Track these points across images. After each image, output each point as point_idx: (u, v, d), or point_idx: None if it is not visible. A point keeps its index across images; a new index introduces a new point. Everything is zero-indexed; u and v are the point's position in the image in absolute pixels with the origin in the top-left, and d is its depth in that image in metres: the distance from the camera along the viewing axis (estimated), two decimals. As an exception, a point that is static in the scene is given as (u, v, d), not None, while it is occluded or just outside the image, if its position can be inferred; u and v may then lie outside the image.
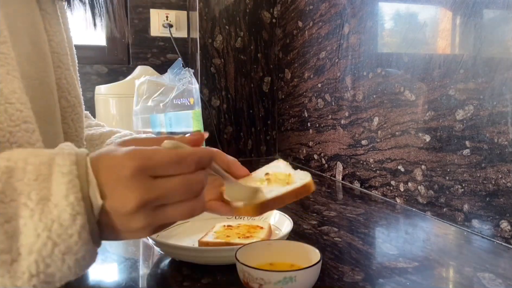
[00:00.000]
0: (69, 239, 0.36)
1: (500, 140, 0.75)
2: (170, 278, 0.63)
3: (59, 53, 0.59)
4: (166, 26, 1.66)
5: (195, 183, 0.40)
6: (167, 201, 0.39)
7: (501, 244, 0.75)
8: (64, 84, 0.60)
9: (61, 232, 0.36)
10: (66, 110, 0.60)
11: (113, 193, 0.38)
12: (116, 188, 0.38)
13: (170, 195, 0.39)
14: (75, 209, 0.36)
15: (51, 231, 0.36)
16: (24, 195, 0.36)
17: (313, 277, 0.53)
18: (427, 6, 0.92)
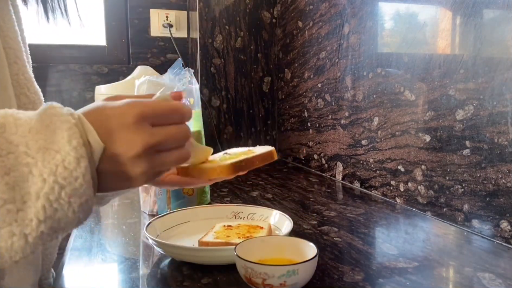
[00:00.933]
0: (75, 182, 0.37)
1: (500, 140, 0.75)
2: (170, 278, 0.63)
3: (15, 49, 0.58)
4: (166, 26, 1.66)
5: (184, 131, 0.45)
6: (165, 147, 0.43)
7: (501, 244, 0.75)
8: (22, 80, 0.59)
9: (66, 175, 0.37)
10: (27, 106, 0.59)
11: (117, 139, 0.40)
12: (120, 133, 0.40)
13: (168, 141, 0.43)
14: (78, 152, 0.37)
15: (56, 175, 0.37)
16: (22, 145, 0.37)
17: (312, 269, 0.56)
18: (427, 6, 0.92)
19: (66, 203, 0.37)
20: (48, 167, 0.37)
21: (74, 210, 0.38)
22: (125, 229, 0.85)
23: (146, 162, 0.41)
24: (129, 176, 0.42)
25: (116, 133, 0.40)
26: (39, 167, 0.37)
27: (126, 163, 0.41)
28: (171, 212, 0.81)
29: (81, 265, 0.68)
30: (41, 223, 0.37)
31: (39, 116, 0.39)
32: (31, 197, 0.36)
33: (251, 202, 1.00)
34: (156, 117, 0.42)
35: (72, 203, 0.38)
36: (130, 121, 0.40)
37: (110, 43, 1.67)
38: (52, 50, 1.58)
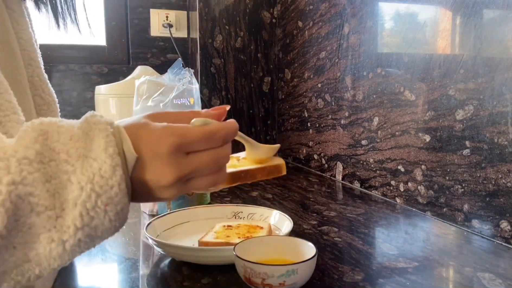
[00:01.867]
0: (110, 191, 0.38)
1: (500, 140, 0.75)
2: (170, 278, 0.63)
3: (29, 51, 0.59)
4: (166, 26, 1.66)
5: (222, 157, 0.44)
6: (198, 174, 0.43)
7: (501, 244, 0.75)
8: (37, 81, 0.60)
9: (103, 183, 0.38)
10: (42, 108, 0.60)
11: (150, 166, 0.40)
12: (154, 162, 0.40)
13: (200, 169, 0.43)
14: (114, 161, 0.38)
15: (93, 183, 0.37)
16: (63, 153, 0.38)
17: (311, 269, 0.56)
18: (427, 6, 0.92)
19: (102, 211, 0.38)
20: (86, 175, 0.37)
21: (111, 218, 0.39)
22: (125, 229, 0.85)
23: (176, 190, 0.42)
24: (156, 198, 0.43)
25: (150, 161, 0.40)
26: (77, 175, 0.37)
27: (155, 190, 0.41)
28: (171, 212, 0.81)
29: (81, 265, 0.68)
30: (79, 230, 0.37)
31: (81, 124, 0.40)
32: (69, 204, 0.37)
33: (251, 202, 1.00)
34: (191, 145, 0.42)
35: (108, 212, 0.38)
36: (163, 151, 0.40)
37: (110, 43, 1.67)
38: (52, 50, 1.58)
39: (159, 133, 0.41)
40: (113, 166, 0.38)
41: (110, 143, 0.38)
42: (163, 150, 0.40)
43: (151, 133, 0.41)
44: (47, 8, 0.63)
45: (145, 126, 0.42)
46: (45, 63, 0.65)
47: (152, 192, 0.42)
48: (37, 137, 0.37)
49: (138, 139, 0.41)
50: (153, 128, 0.41)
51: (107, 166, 0.38)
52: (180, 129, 0.41)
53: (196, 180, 0.43)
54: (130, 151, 0.40)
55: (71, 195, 0.37)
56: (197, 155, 0.42)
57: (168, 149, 0.40)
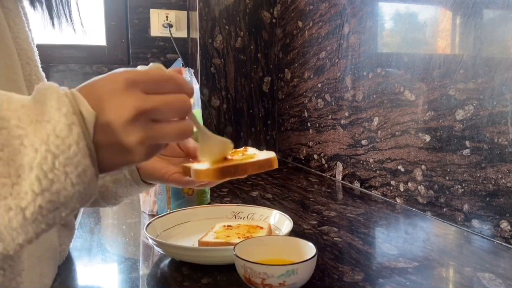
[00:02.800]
0: (68, 150, 0.36)
1: (500, 140, 0.75)
2: (170, 278, 0.63)
3: (27, 50, 0.59)
4: (166, 26, 1.66)
5: (183, 101, 0.42)
6: (160, 116, 0.41)
7: (501, 244, 0.75)
8: (35, 80, 0.59)
9: (58, 143, 0.35)
10: None
11: (107, 105, 0.38)
12: (110, 100, 0.38)
13: (163, 109, 0.40)
14: (69, 119, 0.36)
15: (48, 144, 0.35)
16: (13, 119, 0.35)
17: (311, 269, 0.56)
18: (427, 6, 0.92)
19: (62, 173, 0.36)
20: (39, 137, 0.35)
21: (72, 181, 0.36)
22: (125, 229, 0.85)
23: (140, 130, 0.39)
24: (125, 146, 0.39)
25: (106, 99, 0.38)
26: (31, 138, 0.35)
27: (119, 131, 0.38)
28: (171, 212, 0.81)
29: (81, 265, 0.68)
30: (38, 196, 0.35)
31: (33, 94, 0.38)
32: (25, 169, 0.35)
33: (251, 202, 1.00)
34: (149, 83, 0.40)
35: (69, 173, 0.36)
36: (120, 86, 0.39)
37: (110, 43, 1.67)
38: (52, 50, 1.58)
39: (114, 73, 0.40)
40: (68, 124, 0.36)
41: (63, 103, 0.37)
42: (120, 85, 0.38)
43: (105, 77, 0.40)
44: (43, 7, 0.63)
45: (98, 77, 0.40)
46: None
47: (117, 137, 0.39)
48: None
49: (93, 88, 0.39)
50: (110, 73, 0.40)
51: (62, 125, 0.36)
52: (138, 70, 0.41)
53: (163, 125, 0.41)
54: (87, 110, 0.38)
55: (26, 159, 0.35)
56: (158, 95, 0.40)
57: (124, 83, 0.38)
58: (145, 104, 0.39)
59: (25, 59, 0.58)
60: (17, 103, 0.37)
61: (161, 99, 0.40)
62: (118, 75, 0.39)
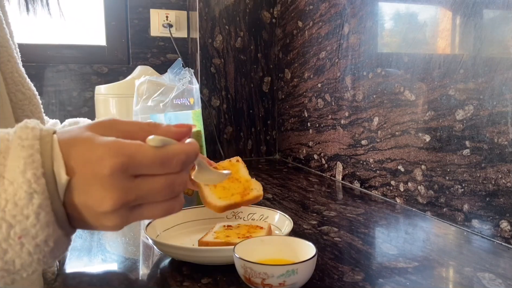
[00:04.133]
0: (26, 221, 0.33)
1: (500, 140, 0.75)
2: (170, 278, 0.63)
3: (7, 47, 0.58)
4: (166, 26, 1.66)
5: (178, 184, 0.38)
6: (146, 201, 0.37)
7: (501, 244, 0.75)
8: (17, 77, 0.59)
9: (16, 212, 0.33)
10: (24, 102, 0.59)
11: (88, 189, 0.34)
12: (92, 185, 0.34)
13: (150, 196, 0.37)
14: (32, 187, 0.33)
15: (5, 211, 0.32)
16: None
17: (311, 269, 0.56)
18: (427, 6, 0.92)
19: (17, 244, 0.33)
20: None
21: (30, 251, 0.34)
22: (125, 229, 0.85)
23: (118, 218, 0.36)
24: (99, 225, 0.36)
25: (88, 182, 0.34)
26: None
27: (95, 216, 0.35)
28: (171, 212, 0.81)
29: (81, 265, 0.68)
30: None
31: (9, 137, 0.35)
32: None
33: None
34: (139, 168, 0.35)
35: (25, 244, 0.33)
36: (105, 172, 0.34)
37: (110, 43, 1.67)
38: (52, 50, 1.57)
39: (102, 150, 0.34)
40: (29, 193, 0.33)
41: (31, 164, 0.33)
42: (105, 171, 0.34)
43: (92, 150, 0.34)
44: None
45: (87, 141, 0.35)
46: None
47: (90, 220, 0.36)
48: None
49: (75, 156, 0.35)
50: (96, 144, 0.35)
51: (22, 193, 0.32)
52: (128, 147, 0.35)
53: (147, 208, 0.37)
54: (60, 173, 0.34)
55: None
56: (147, 180, 0.36)
57: (110, 170, 0.34)
58: (128, 196, 0.35)
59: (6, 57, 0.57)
60: None
61: (149, 186, 0.36)
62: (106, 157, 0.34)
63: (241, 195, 0.75)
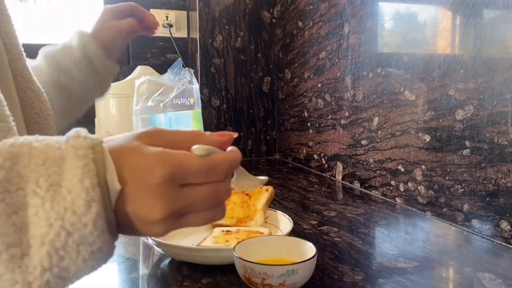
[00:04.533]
0: (84, 229, 0.34)
1: (500, 140, 0.75)
2: (170, 278, 0.63)
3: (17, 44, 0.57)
4: (166, 26, 1.66)
5: (223, 192, 0.39)
6: (192, 210, 0.38)
7: (501, 244, 0.75)
8: (27, 75, 0.58)
9: (74, 220, 0.33)
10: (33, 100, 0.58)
11: (138, 198, 0.36)
12: (142, 194, 0.36)
13: (196, 204, 0.38)
14: (89, 195, 0.34)
15: (64, 220, 0.33)
16: (31, 182, 0.33)
17: (311, 269, 0.56)
18: (427, 6, 0.92)
19: (74, 251, 0.34)
20: (56, 210, 0.33)
21: (85, 258, 0.35)
22: (125, 229, 0.85)
23: (166, 227, 0.37)
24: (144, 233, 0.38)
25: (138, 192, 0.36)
26: (46, 210, 0.33)
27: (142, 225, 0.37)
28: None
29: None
30: (46, 271, 0.33)
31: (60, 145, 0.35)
32: (36, 242, 0.33)
33: (251, 202, 1.00)
34: (187, 177, 0.37)
35: (82, 251, 0.34)
36: (155, 182, 0.35)
37: (110, 43, 1.67)
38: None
39: (152, 160, 0.35)
40: (87, 201, 0.33)
41: (87, 173, 0.34)
42: (155, 181, 0.35)
43: (142, 160, 0.36)
44: None
45: (136, 151, 0.36)
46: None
47: (139, 227, 0.37)
48: (3, 163, 0.33)
49: (125, 165, 0.35)
50: (145, 154, 0.36)
51: (81, 201, 0.33)
52: (177, 157, 0.36)
53: (191, 216, 0.39)
54: (113, 181, 0.35)
55: (39, 232, 0.33)
56: (194, 189, 0.37)
57: (160, 180, 0.35)
58: (176, 206, 0.36)
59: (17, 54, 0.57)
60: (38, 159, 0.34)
61: (196, 195, 0.37)
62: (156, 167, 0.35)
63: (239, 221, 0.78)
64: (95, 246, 0.35)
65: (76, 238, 0.33)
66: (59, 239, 0.33)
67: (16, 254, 0.32)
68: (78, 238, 0.34)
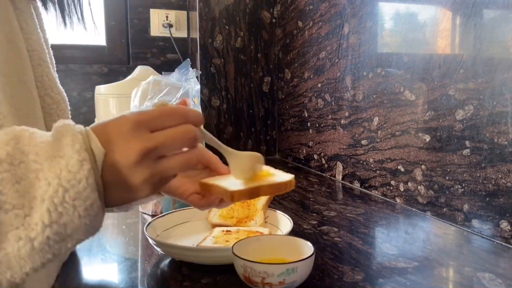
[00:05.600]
0: (78, 185, 0.38)
1: (500, 140, 0.75)
2: (170, 278, 0.63)
3: (39, 51, 0.59)
4: (166, 26, 1.66)
5: (188, 131, 0.43)
6: (166, 151, 0.43)
7: (501, 244, 0.75)
8: (46, 81, 0.60)
9: (70, 177, 0.38)
10: (51, 107, 0.61)
11: (115, 147, 0.40)
12: (118, 142, 0.41)
13: (167, 144, 0.42)
14: (81, 155, 0.38)
15: (60, 178, 0.37)
16: (32, 154, 0.38)
17: (310, 267, 0.56)
18: (427, 6, 0.92)
19: (70, 206, 0.38)
20: (53, 171, 0.37)
21: (80, 214, 0.38)
22: (125, 229, 0.85)
23: (146, 169, 0.41)
24: (131, 185, 0.41)
25: (114, 141, 0.41)
26: (45, 172, 0.37)
27: (126, 171, 0.41)
28: (171, 212, 0.81)
29: (81, 265, 0.68)
30: (47, 227, 0.37)
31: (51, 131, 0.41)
32: (37, 201, 0.37)
33: (251, 202, 1.00)
34: (153, 120, 0.42)
35: (77, 207, 0.38)
36: (126, 128, 0.41)
37: (110, 43, 1.67)
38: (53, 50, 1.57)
39: (119, 117, 0.42)
40: (80, 160, 0.38)
41: (76, 140, 0.39)
42: (126, 127, 0.41)
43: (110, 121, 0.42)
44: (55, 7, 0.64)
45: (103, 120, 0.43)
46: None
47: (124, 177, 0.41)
48: (9, 141, 0.38)
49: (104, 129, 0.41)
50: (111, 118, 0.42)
51: (74, 161, 0.38)
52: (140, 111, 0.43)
53: (167, 159, 0.43)
54: (97, 147, 0.40)
55: (38, 192, 0.37)
56: (162, 131, 0.42)
57: (129, 126, 0.41)
58: (149, 143, 0.41)
59: (37, 60, 0.59)
60: (36, 139, 0.39)
61: (165, 134, 0.42)
62: (126, 118, 0.42)
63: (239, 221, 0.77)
64: (88, 202, 0.39)
65: (72, 194, 0.38)
66: (57, 195, 0.37)
67: (19, 214, 0.36)
68: (73, 194, 0.38)
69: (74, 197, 0.38)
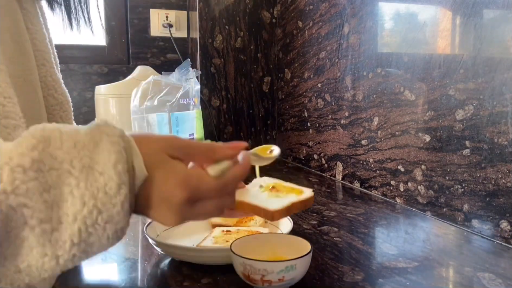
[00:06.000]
0: (113, 209, 0.37)
1: (500, 140, 0.75)
2: (170, 278, 0.63)
3: (43, 51, 0.59)
4: (166, 26, 1.66)
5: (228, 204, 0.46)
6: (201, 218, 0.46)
7: (501, 244, 0.75)
8: (50, 81, 0.60)
9: (106, 200, 0.37)
10: (54, 107, 0.60)
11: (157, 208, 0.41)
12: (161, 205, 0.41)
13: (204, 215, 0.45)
14: (121, 179, 0.37)
15: (96, 199, 0.36)
16: (66, 163, 0.36)
17: (308, 264, 0.57)
18: (427, 6, 0.92)
19: (101, 228, 0.37)
20: (90, 190, 0.36)
21: (109, 236, 0.38)
22: (125, 229, 0.85)
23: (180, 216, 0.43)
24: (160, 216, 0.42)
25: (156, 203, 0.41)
26: (81, 189, 0.36)
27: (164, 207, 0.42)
28: (171, 212, 0.81)
29: (81, 265, 0.68)
30: (74, 245, 0.36)
31: (89, 130, 0.39)
32: (68, 218, 0.36)
33: (251, 202, 0.99)
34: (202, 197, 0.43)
35: (107, 229, 0.38)
36: (175, 201, 0.41)
37: (110, 43, 1.67)
38: (52, 50, 1.57)
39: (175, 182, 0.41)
40: (119, 184, 0.37)
41: (121, 159, 0.37)
42: (175, 200, 0.41)
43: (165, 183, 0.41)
44: (61, 8, 0.64)
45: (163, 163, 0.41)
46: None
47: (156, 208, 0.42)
48: (37, 144, 0.35)
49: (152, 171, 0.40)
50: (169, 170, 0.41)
51: (113, 183, 0.37)
52: (196, 180, 0.42)
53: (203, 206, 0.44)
54: (141, 168, 0.39)
55: (72, 209, 0.36)
56: (204, 203, 0.43)
57: (179, 201, 0.41)
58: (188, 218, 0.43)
59: (41, 61, 0.58)
60: (69, 142, 0.37)
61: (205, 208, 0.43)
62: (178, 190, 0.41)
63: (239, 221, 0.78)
64: (119, 226, 0.38)
65: (105, 216, 0.37)
66: (91, 216, 0.36)
67: (47, 230, 0.35)
68: (106, 217, 0.37)
69: (106, 220, 0.37)
